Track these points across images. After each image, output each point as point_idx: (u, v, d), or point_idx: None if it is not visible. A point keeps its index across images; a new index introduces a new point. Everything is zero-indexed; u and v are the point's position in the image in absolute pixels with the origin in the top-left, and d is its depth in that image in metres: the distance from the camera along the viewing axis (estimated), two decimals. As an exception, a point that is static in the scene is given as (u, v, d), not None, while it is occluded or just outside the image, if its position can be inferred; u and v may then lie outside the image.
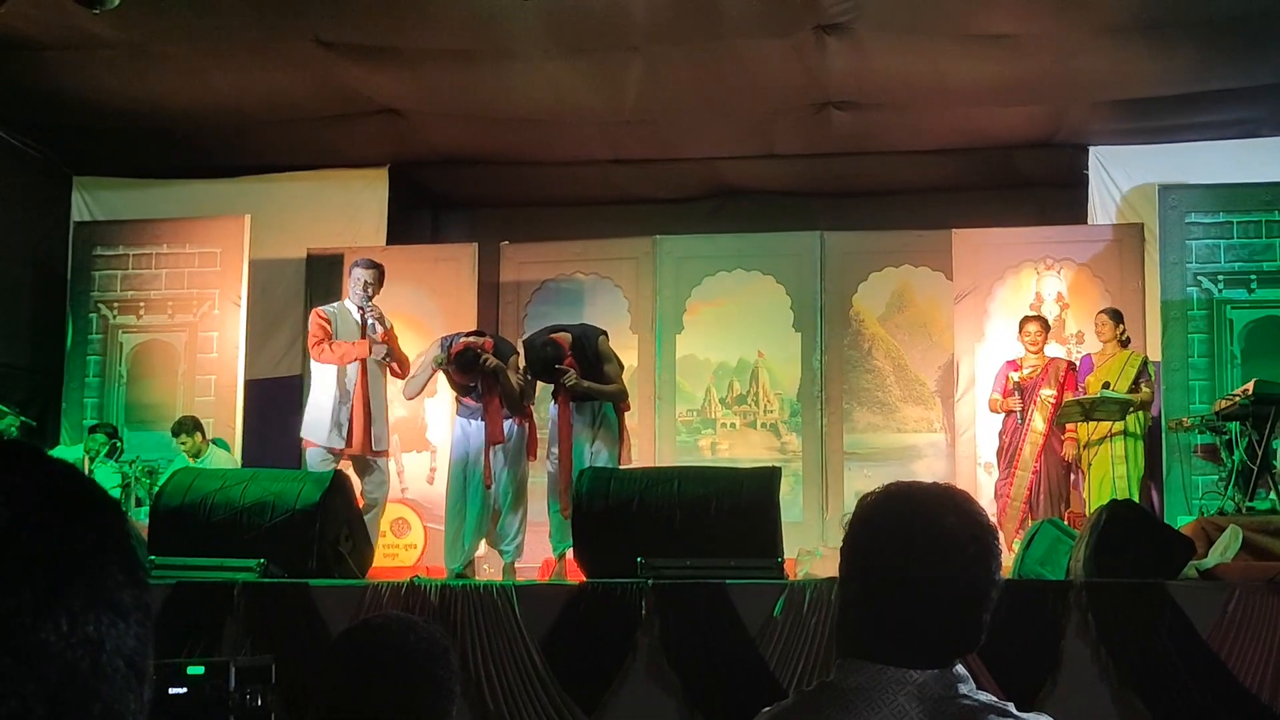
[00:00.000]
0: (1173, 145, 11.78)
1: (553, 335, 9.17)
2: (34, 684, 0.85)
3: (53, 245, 12.54)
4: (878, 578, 2.16)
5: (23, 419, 10.29)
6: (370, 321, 9.38)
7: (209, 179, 12.66)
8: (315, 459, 9.27)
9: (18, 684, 0.85)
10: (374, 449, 9.39)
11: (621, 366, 9.60)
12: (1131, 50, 10.28)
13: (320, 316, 9.38)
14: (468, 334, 9.43)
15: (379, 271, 9.53)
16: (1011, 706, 2.15)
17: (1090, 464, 10.38)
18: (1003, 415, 10.61)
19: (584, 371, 9.05)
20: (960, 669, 2.14)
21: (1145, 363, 10.35)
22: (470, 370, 8.94)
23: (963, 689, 2.11)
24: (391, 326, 9.62)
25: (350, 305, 9.48)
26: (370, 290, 9.45)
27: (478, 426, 9.08)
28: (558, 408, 9.21)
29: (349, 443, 9.24)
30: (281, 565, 7.18)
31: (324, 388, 9.34)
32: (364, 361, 9.32)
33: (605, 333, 9.53)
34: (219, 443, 11.23)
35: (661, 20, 9.96)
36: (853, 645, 2.17)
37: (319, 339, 9.26)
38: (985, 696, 2.13)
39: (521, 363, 9.22)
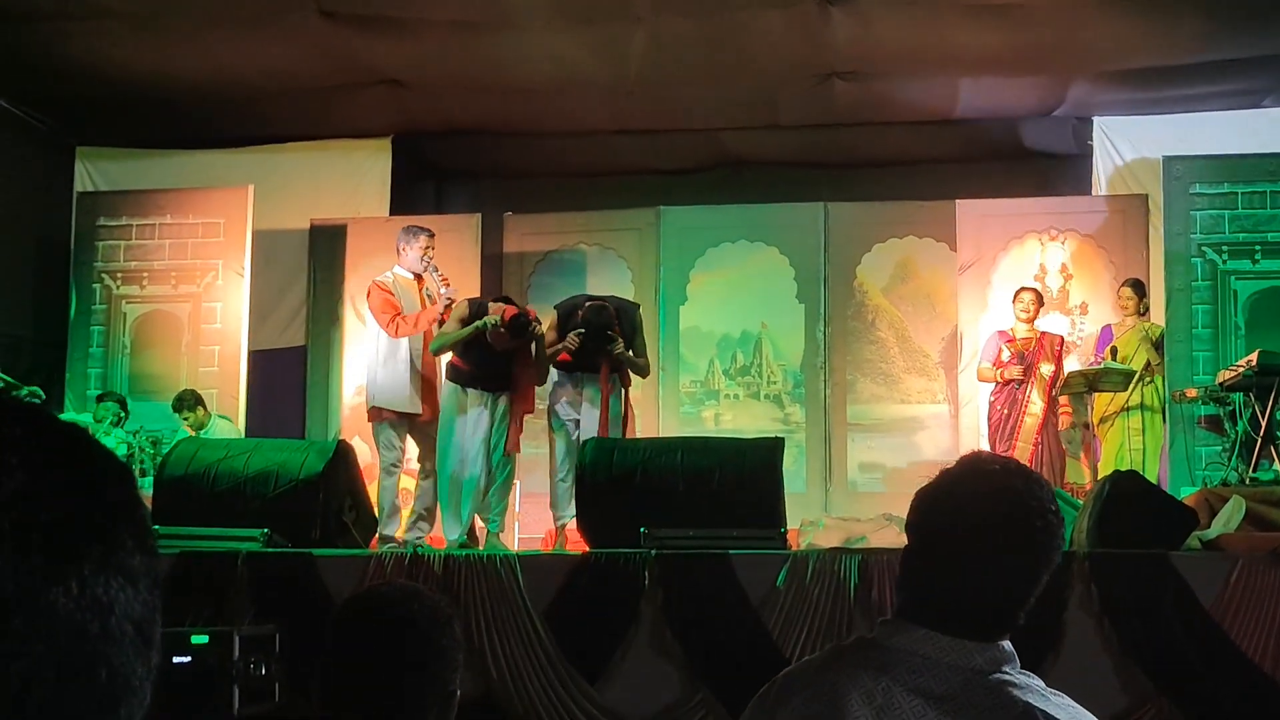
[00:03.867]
0: (1177, 116, 11.75)
1: (603, 302, 9.13)
2: (43, 645, 0.86)
3: (56, 216, 12.53)
4: (935, 552, 2.22)
5: (28, 389, 10.29)
6: (442, 290, 9.34)
7: (212, 149, 12.65)
8: (384, 431, 9.25)
9: (27, 646, 0.85)
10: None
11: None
12: (1136, 21, 10.25)
13: (385, 290, 9.27)
14: (496, 298, 9.30)
15: (432, 236, 9.55)
16: (1060, 696, 2.18)
17: (1105, 436, 10.43)
18: (992, 386, 10.58)
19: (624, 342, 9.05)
20: (1008, 647, 2.17)
21: (1164, 334, 10.36)
22: (519, 336, 8.82)
23: (1007, 668, 2.16)
24: None
25: (404, 272, 9.40)
26: (431, 255, 9.46)
27: (489, 396, 8.94)
28: (598, 377, 9.11)
29: (424, 409, 9.28)
30: (285, 535, 7.20)
31: (394, 354, 9.27)
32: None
33: (639, 306, 9.59)
34: (220, 416, 11.25)
35: (665, -10, 9.96)
36: (904, 609, 2.24)
37: (392, 314, 9.17)
38: (1029, 679, 2.16)
39: (540, 331, 9.06)
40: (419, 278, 9.42)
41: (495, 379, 8.90)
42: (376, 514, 8.69)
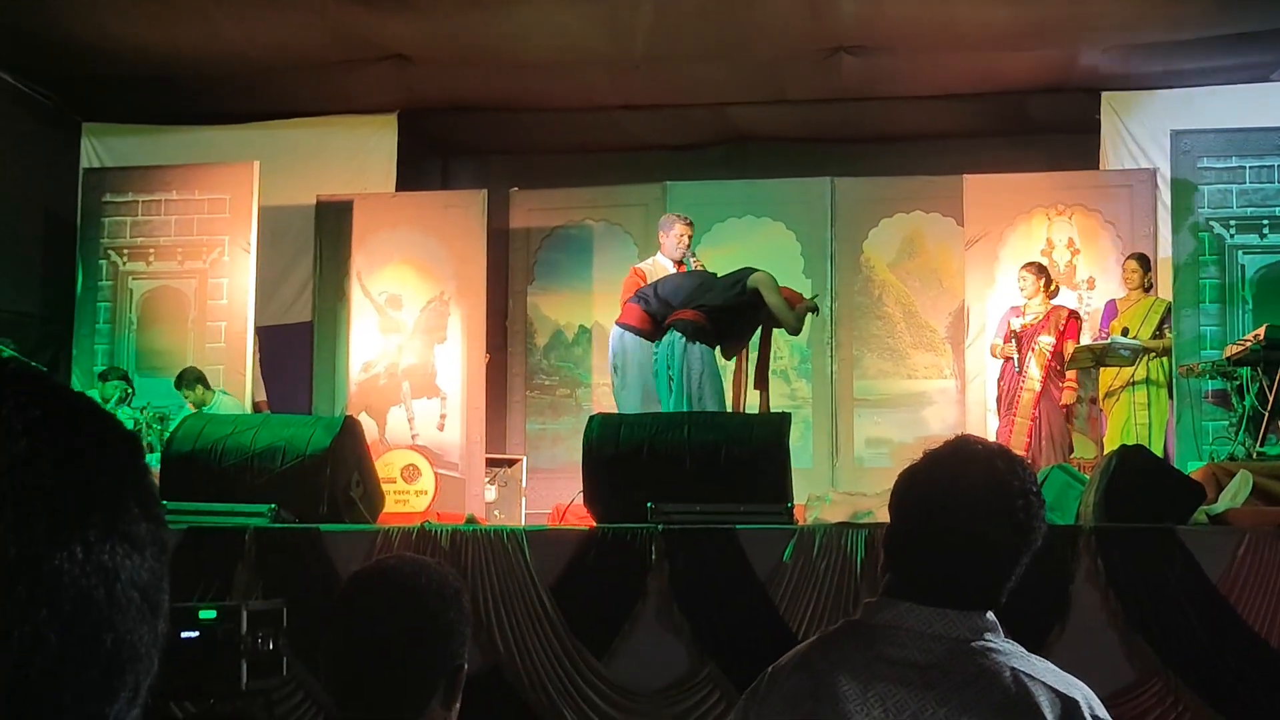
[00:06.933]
0: (1185, 90, 11.72)
1: None
2: (47, 612, 0.85)
3: (62, 192, 12.52)
4: (919, 531, 2.28)
5: (33, 365, 10.30)
6: None
7: (218, 125, 12.64)
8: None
9: (31, 612, 0.85)
10: None
11: None
12: (1144, -6, 10.23)
13: (638, 274, 9.56)
14: None
15: (690, 224, 9.78)
16: (1041, 660, 2.23)
17: (1110, 411, 10.43)
18: (1001, 362, 10.64)
19: None
20: (991, 617, 2.20)
21: (1169, 309, 10.35)
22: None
23: (989, 636, 2.20)
24: None
25: (665, 260, 9.61)
26: (688, 242, 9.71)
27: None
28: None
29: None
30: (292, 510, 7.19)
31: None
32: None
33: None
34: (224, 393, 11.25)
35: (671, -36, 9.93)
36: (888, 588, 2.30)
37: (626, 296, 9.37)
38: (1011, 645, 2.19)
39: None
40: (679, 264, 9.63)
41: None
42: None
